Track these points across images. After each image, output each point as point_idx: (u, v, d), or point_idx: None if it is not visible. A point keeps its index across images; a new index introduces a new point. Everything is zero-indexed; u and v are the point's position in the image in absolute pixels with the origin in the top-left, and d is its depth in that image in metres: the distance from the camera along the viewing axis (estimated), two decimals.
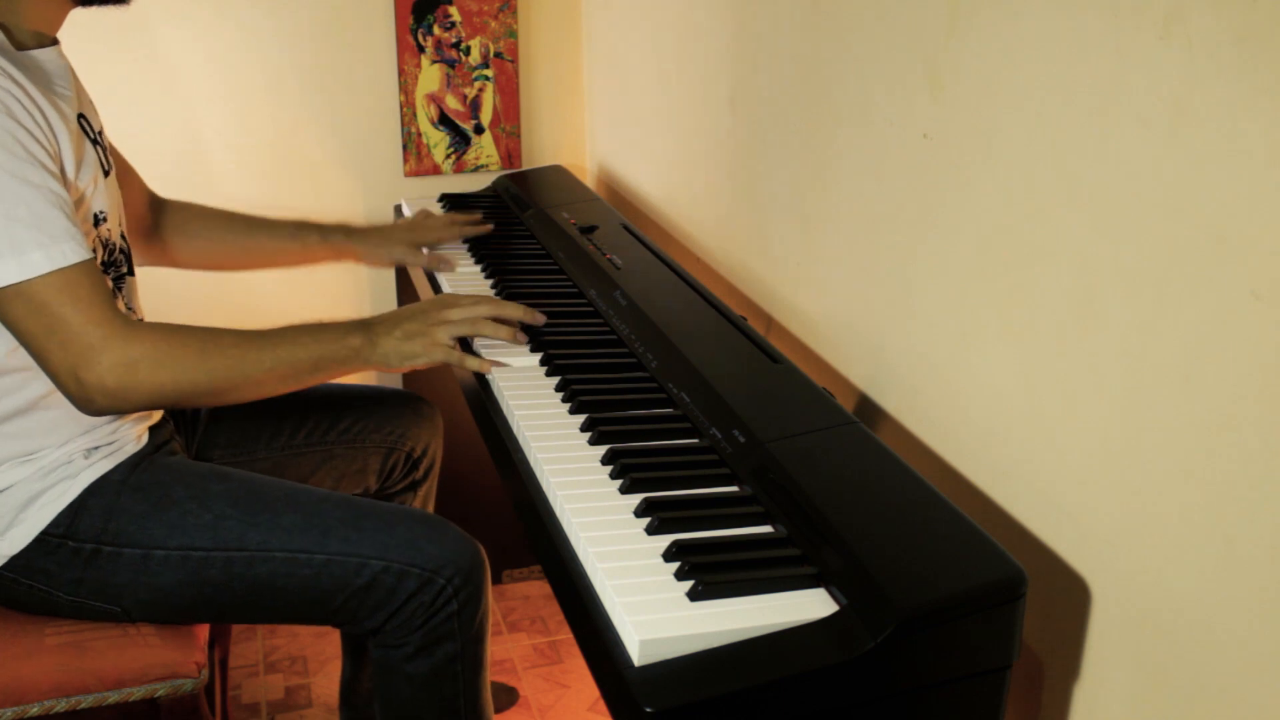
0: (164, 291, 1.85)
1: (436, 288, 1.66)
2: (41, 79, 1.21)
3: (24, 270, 1.12)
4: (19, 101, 1.14)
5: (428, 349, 1.32)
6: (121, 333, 1.17)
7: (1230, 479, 0.86)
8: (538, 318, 1.41)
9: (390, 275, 2.27)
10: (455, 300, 1.38)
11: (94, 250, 1.21)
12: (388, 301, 2.29)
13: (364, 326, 1.31)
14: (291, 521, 1.27)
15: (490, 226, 1.81)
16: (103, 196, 1.28)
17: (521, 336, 1.40)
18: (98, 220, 1.27)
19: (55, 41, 1.27)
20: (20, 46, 1.21)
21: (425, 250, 1.74)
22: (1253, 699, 0.87)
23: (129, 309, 1.36)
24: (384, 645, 1.31)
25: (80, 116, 1.27)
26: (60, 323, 1.14)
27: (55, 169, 1.17)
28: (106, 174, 1.31)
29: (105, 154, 1.32)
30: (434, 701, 1.32)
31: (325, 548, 1.26)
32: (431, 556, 1.27)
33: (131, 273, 1.38)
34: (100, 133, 1.33)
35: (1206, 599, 0.90)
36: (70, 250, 1.14)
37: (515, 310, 1.40)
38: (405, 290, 2.12)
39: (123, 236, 1.36)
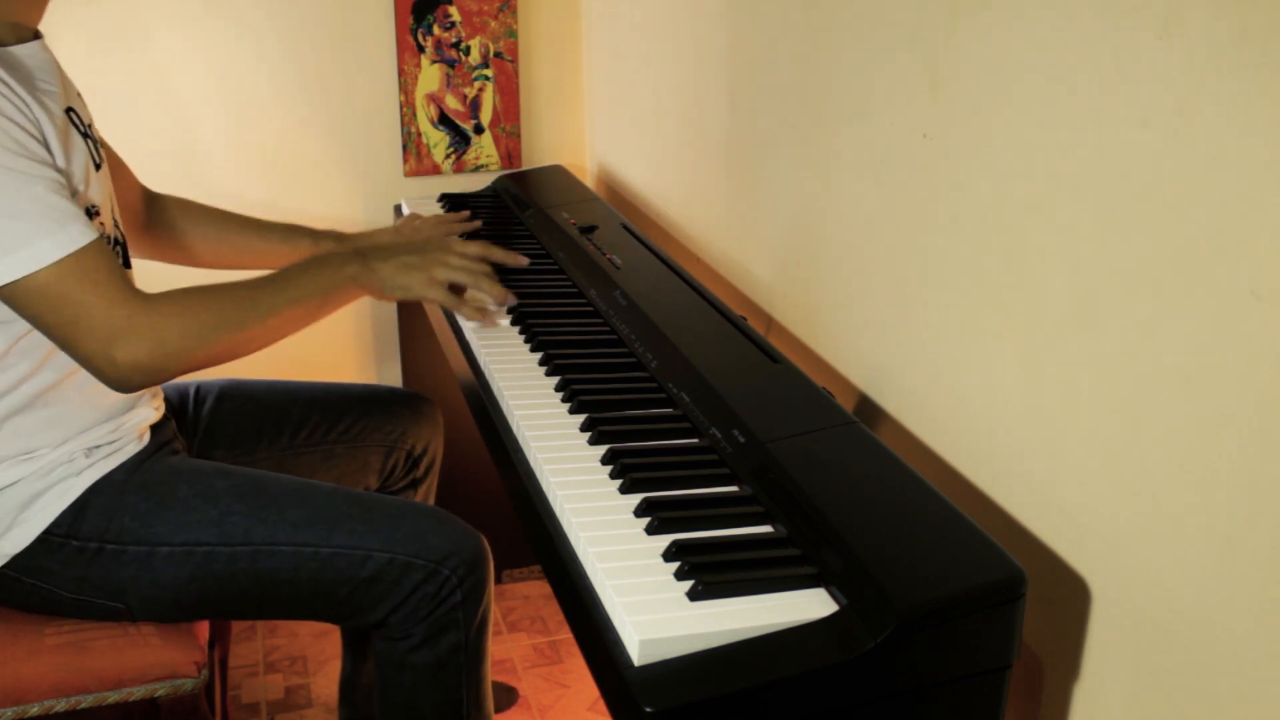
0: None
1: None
2: (22, 75, 1.19)
3: (36, 260, 1.11)
4: (4, 96, 1.13)
5: (424, 285, 1.36)
6: (144, 309, 1.17)
7: (1230, 479, 0.86)
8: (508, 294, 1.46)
9: None
10: (456, 245, 1.41)
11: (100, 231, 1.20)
12: (388, 310, 2.29)
13: (359, 255, 1.35)
14: (298, 516, 1.27)
15: (479, 224, 1.78)
16: (95, 190, 1.27)
17: (510, 299, 1.44)
18: (90, 214, 1.26)
19: (38, 35, 1.25)
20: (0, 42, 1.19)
21: None
22: (1253, 699, 0.87)
23: None
24: (388, 638, 1.31)
25: (69, 110, 1.25)
26: (84, 309, 1.13)
27: (48, 158, 1.16)
28: (98, 167, 1.29)
29: (96, 147, 1.31)
30: (437, 692, 1.32)
31: (331, 541, 1.26)
32: (436, 548, 1.27)
33: (128, 264, 1.37)
34: (90, 126, 1.31)
35: (1206, 599, 0.90)
36: (78, 233, 1.13)
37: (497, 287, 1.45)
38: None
39: (117, 227, 1.34)
